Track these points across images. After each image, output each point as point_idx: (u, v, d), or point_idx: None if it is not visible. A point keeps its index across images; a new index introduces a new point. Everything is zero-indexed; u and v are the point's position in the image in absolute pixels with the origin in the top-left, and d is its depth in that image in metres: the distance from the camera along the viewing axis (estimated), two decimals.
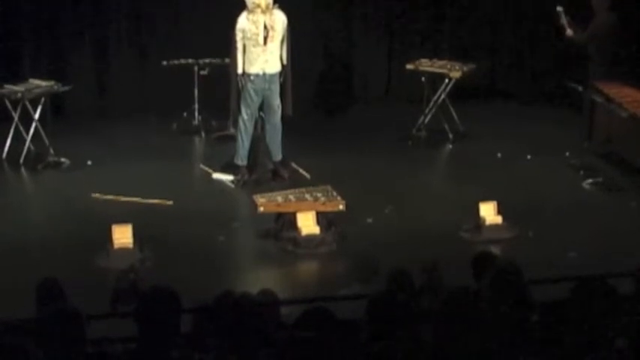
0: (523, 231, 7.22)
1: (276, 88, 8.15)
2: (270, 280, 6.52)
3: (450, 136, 9.28)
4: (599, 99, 8.49)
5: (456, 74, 9.26)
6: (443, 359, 3.69)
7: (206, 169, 8.54)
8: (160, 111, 9.42)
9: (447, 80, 9.29)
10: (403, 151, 9.05)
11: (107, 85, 9.99)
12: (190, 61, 9.28)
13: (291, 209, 7.18)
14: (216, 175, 8.39)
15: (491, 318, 3.87)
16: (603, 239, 7.02)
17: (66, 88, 8.83)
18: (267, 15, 8.03)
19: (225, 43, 8.27)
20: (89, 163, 8.61)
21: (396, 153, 8.97)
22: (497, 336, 3.80)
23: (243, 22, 8.06)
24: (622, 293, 4.10)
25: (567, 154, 8.75)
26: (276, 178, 8.25)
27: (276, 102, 8.19)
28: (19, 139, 8.63)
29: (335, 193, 7.34)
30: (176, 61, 9.29)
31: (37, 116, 8.63)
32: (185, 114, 9.43)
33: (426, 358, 3.71)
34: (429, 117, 9.36)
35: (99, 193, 7.85)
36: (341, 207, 7.23)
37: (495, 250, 6.74)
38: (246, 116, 8.19)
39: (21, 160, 8.58)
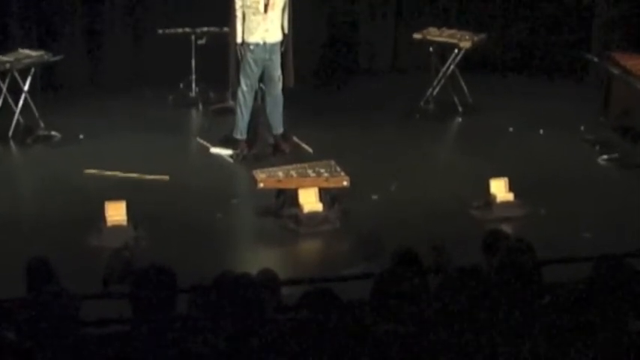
0: (535, 209, 7.16)
1: (277, 58, 8.07)
2: (271, 259, 6.45)
3: (460, 108, 9.20)
4: (615, 71, 8.48)
5: (466, 44, 9.16)
6: (450, 341, 3.62)
7: (204, 143, 8.46)
8: (155, 82, 9.32)
9: (456, 50, 9.19)
10: (410, 124, 8.99)
11: (100, 55, 9.90)
12: (187, 29, 9.22)
13: (292, 185, 7.13)
14: (215, 150, 8.32)
15: (501, 299, 3.80)
16: (619, 217, 6.98)
17: (57, 58, 8.74)
18: None
19: (223, 11, 8.18)
20: (81, 136, 8.51)
21: (403, 126, 8.91)
22: (507, 317, 3.74)
23: None
24: None
25: (582, 128, 8.69)
26: (277, 153, 8.20)
27: (277, 73, 8.11)
28: (7, 112, 8.53)
29: (339, 169, 7.28)
30: (172, 30, 9.22)
31: (26, 87, 8.53)
32: (182, 85, 9.37)
33: (433, 340, 3.64)
34: (437, 89, 9.29)
35: (91, 168, 7.78)
36: (345, 183, 7.16)
37: (506, 228, 6.62)
38: (245, 88, 8.10)
39: (10, 134, 8.48)
